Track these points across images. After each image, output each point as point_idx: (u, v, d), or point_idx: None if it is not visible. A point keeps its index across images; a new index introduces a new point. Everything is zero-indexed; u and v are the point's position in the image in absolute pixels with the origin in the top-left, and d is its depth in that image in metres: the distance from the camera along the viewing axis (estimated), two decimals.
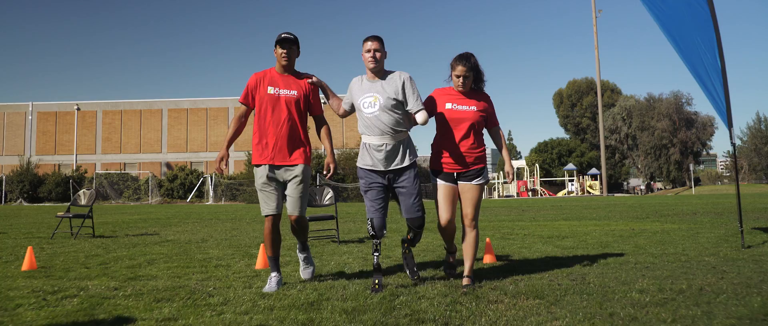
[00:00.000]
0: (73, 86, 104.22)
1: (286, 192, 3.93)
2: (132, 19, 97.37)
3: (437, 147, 4.02)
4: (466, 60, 3.88)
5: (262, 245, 5.29)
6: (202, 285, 3.99)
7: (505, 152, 4.06)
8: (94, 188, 9.52)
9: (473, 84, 3.97)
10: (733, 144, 6.14)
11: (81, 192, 8.97)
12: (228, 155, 3.87)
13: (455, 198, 3.97)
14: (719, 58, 6.14)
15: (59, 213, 8.50)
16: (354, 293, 3.57)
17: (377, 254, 3.78)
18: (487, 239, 5.34)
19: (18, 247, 6.99)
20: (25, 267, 4.94)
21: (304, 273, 4.16)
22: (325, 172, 3.90)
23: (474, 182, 3.95)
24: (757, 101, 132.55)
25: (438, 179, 3.98)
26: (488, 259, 5.08)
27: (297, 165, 3.89)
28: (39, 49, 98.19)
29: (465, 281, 3.80)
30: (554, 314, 2.92)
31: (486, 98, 4.04)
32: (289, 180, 3.90)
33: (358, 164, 3.89)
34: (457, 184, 3.97)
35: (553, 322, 2.76)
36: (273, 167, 3.88)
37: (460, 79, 3.89)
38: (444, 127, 3.96)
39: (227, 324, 2.85)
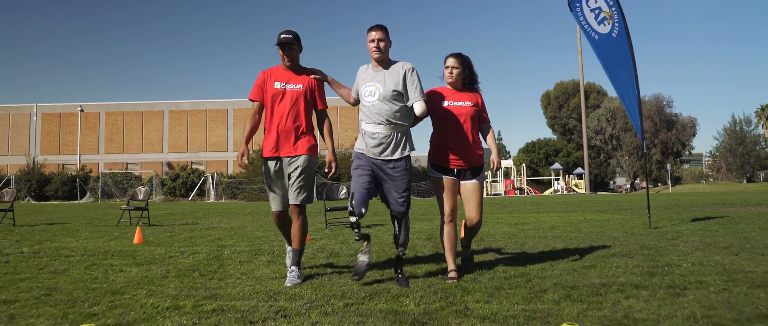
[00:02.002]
0: (77, 88, 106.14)
1: (289, 182, 4.02)
2: (133, 23, 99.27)
3: (435, 144, 4.12)
4: (458, 55, 4.09)
5: None
6: (274, 247, 6.05)
7: (491, 141, 4.20)
8: (148, 187, 11.52)
9: (467, 83, 4.16)
10: (645, 154, 8.35)
11: (138, 189, 10.99)
12: (247, 150, 4.04)
13: (456, 190, 4.07)
14: (636, 89, 8.31)
15: (123, 206, 10.52)
16: (376, 250, 5.64)
17: (357, 230, 3.67)
18: (464, 221, 7.45)
19: (104, 232, 9.01)
20: (135, 240, 6.98)
21: (293, 279, 3.87)
22: (326, 170, 4.04)
23: (475, 180, 4.08)
24: (732, 105, 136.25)
25: (436, 173, 4.09)
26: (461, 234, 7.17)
27: (300, 155, 4.00)
28: (43, 53, 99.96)
29: (465, 262, 4.27)
30: (495, 256, 5.02)
31: (478, 93, 4.20)
32: (293, 171, 4.00)
33: (354, 148, 3.96)
34: (457, 178, 4.09)
35: (487, 255, 4.86)
36: (279, 160, 4.03)
37: (449, 69, 4.08)
38: (441, 124, 4.07)
39: (309, 258, 4.91)
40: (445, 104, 4.04)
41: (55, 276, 4.24)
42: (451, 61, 4.08)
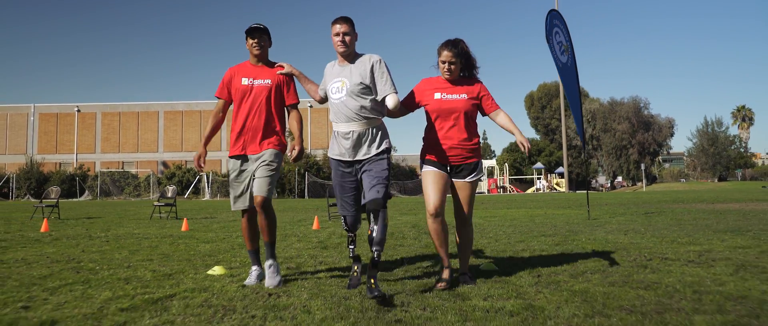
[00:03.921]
0: (74, 88, 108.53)
1: (255, 176, 3.83)
2: (130, 25, 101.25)
3: (428, 140, 3.84)
4: (453, 45, 3.72)
5: (315, 218, 9.34)
6: (296, 231, 8.00)
7: (511, 124, 3.81)
8: (175, 185, 13.39)
9: (464, 71, 3.84)
10: (586, 160, 10.48)
11: (166, 187, 12.87)
12: (205, 152, 3.96)
13: (446, 185, 3.75)
14: (580, 108, 10.41)
15: (155, 203, 12.41)
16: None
17: (353, 247, 3.87)
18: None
19: (146, 224, 10.90)
20: (183, 228, 8.89)
21: (271, 280, 3.77)
22: (289, 153, 3.84)
23: (467, 179, 3.78)
24: (718, 105, 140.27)
25: (426, 166, 3.81)
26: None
27: (266, 150, 3.85)
28: (40, 54, 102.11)
29: (463, 279, 3.78)
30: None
31: (477, 83, 3.84)
32: (257, 166, 3.84)
33: (329, 154, 3.79)
34: (448, 173, 3.79)
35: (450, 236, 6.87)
36: (245, 158, 3.89)
37: (446, 65, 3.74)
38: (434, 118, 3.79)
39: (326, 238, 6.89)
40: (438, 96, 3.76)
41: (155, 249, 6.16)
42: (446, 55, 3.72)
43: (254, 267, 3.97)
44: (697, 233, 6.84)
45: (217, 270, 4.40)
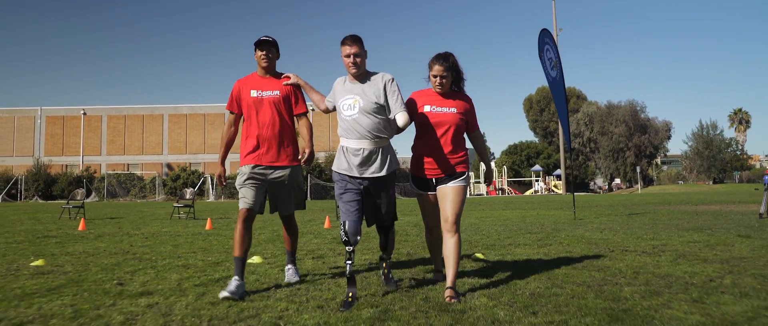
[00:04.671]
0: (80, 91, 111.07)
1: (276, 194, 4.05)
2: (135, 29, 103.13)
3: (417, 151, 3.93)
4: (444, 59, 3.80)
5: (327, 218, 10.30)
6: (312, 228, 8.95)
7: (486, 158, 4.15)
8: (192, 188, 14.35)
9: (453, 85, 3.91)
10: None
11: (185, 190, 13.83)
12: (224, 170, 4.10)
13: (436, 205, 3.93)
14: (566, 118, 11.40)
15: (175, 204, 13.37)
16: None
17: (350, 263, 3.62)
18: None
19: (167, 223, 11.86)
20: (207, 227, 9.85)
21: (292, 278, 4.21)
22: (300, 157, 4.02)
23: (453, 183, 3.79)
24: (702, 110, 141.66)
25: (420, 191, 3.96)
26: None
27: (284, 166, 3.99)
28: (47, 57, 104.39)
29: (448, 293, 3.51)
30: None
31: (467, 100, 3.94)
32: (277, 182, 3.98)
33: (334, 168, 3.81)
34: (435, 185, 3.87)
35: None
36: (259, 167, 3.96)
37: (437, 79, 3.81)
38: (423, 130, 3.87)
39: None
40: (428, 109, 3.84)
41: (192, 244, 7.12)
42: (437, 69, 3.79)
43: (235, 278, 3.69)
44: (663, 231, 7.81)
45: (255, 260, 5.36)
